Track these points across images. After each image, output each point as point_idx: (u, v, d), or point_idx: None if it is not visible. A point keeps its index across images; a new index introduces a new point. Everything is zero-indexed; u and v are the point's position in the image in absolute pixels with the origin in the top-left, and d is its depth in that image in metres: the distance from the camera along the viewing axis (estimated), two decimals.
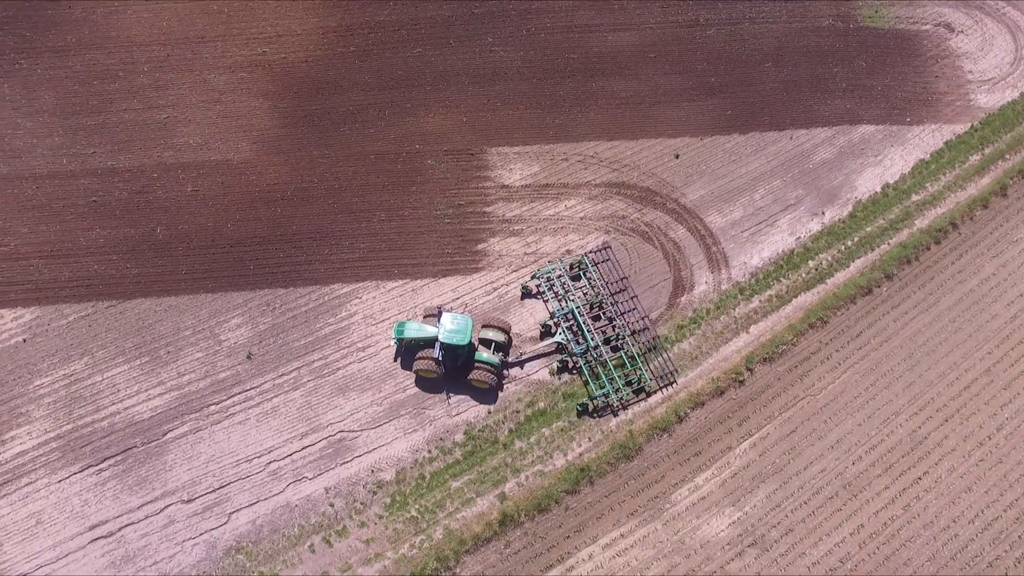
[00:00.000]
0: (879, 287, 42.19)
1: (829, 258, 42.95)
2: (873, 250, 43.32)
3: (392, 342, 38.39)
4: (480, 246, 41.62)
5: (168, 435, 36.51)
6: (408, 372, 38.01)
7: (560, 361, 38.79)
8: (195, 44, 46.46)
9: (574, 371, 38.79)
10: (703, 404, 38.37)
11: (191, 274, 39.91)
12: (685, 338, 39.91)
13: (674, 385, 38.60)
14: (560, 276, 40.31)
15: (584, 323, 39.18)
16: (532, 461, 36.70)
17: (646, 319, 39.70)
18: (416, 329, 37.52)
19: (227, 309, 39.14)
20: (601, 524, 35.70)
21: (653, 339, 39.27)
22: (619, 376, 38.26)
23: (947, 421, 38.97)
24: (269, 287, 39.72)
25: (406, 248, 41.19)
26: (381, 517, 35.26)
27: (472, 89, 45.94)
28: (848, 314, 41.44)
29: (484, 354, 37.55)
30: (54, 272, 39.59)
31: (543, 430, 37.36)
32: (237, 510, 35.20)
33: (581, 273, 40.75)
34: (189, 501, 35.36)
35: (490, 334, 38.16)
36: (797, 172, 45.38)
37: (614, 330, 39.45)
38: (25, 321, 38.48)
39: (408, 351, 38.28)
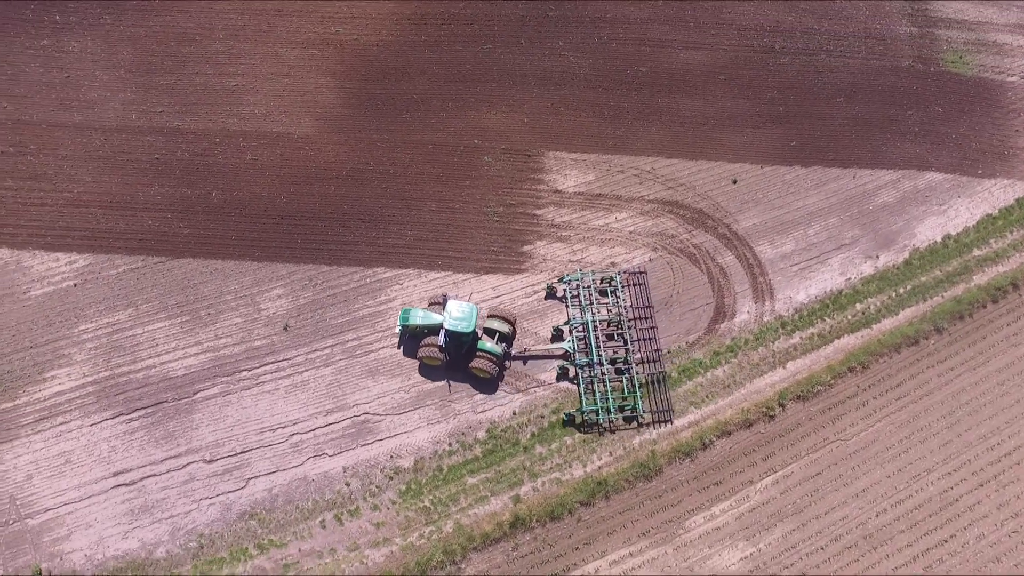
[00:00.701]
0: (927, 339, 41.54)
1: (878, 303, 42.46)
2: (925, 301, 42.68)
3: (396, 329, 39.18)
4: (526, 248, 42.15)
5: (199, 394, 37.84)
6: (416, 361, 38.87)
7: (561, 367, 39.12)
8: (271, 16, 47.98)
9: (573, 381, 39.08)
10: (730, 434, 38.27)
11: (240, 240, 41.26)
12: (720, 365, 39.85)
13: (670, 424, 38.21)
14: (588, 286, 40.59)
15: (595, 338, 39.37)
16: (550, 468, 37.04)
17: (659, 352, 39.54)
18: (421, 316, 38.27)
19: (270, 279, 40.38)
20: (611, 540, 35.88)
21: (660, 374, 39.05)
22: (614, 399, 38.22)
23: (982, 486, 38.20)
24: (314, 263, 40.85)
25: (452, 241, 41.95)
26: (394, 503, 36.01)
27: (537, 91, 46.52)
28: (891, 362, 40.90)
29: (488, 343, 38.15)
30: (111, 223, 41.33)
31: (565, 439, 37.68)
32: (255, 476, 36.32)
33: (610, 290, 40.97)
34: (210, 461, 36.60)
35: (495, 324, 38.80)
36: (856, 212, 44.93)
37: (625, 353, 39.40)
38: (78, 267, 40.26)
39: (412, 338, 39.04)
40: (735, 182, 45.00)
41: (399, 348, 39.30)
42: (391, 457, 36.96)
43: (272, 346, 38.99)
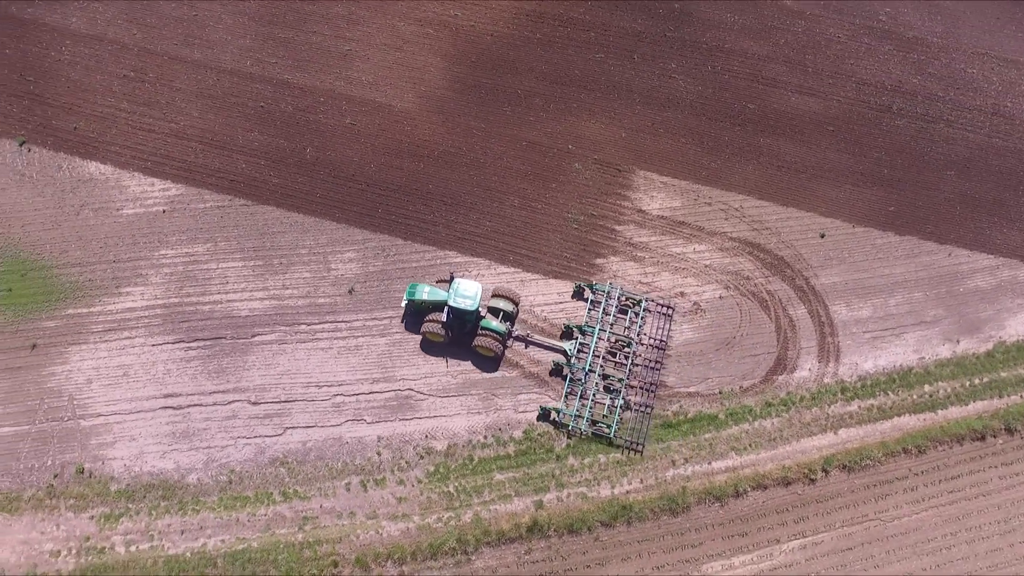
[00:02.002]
0: (995, 437, 40.74)
1: (948, 389, 41.86)
2: (1001, 397, 41.82)
3: (402, 303, 40.75)
4: (599, 260, 43.18)
5: (256, 338, 40.22)
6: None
7: (557, 363, 40.24)
8: None
9: (564, 378, 40.09)
10: (766, 488, 38.41)
11: (324, 199, 43.55)
12: (769, 416, 40.00)
13: (640, 452, 38.84)
14: (613, 300, 41.54)
15: (595, 350, 40.47)
16: (579, 481, 37.96)
17: (655, 386, 40.09)
18: (427, 292, 39.92)
19: (345, 241, 42.51)
20: (625, 566, 36.52)
21: (647, 406, 39.65)
22: (590, 414, 39.24)
23: None
24: (389, 234, 42.80)
25: (528, 239, 43.30)
26: (420, 482, 37.56)
27: (640, 108, 47.51)
28: (950, 452, 40.30)
29: (493, 322, 39.62)
30: (207, 159, 44.17)
31: (600, 456, 38.55)
32: (293, 427, 38.42)
33: (632, 312, 41.69)
34: (255, 404, 38.85)
35: (500, 303, 40.27)
36: (944, 291, 44.35)
37: (622, 375, 40.25)
38: (170, 195, 43.22)
39: (417, 314, 40.63)
40: (823, 236, 45.02)
41: (402, 322, 41.05)
42: (426, 437, 38.56)
43: (334, 306, 41.15)
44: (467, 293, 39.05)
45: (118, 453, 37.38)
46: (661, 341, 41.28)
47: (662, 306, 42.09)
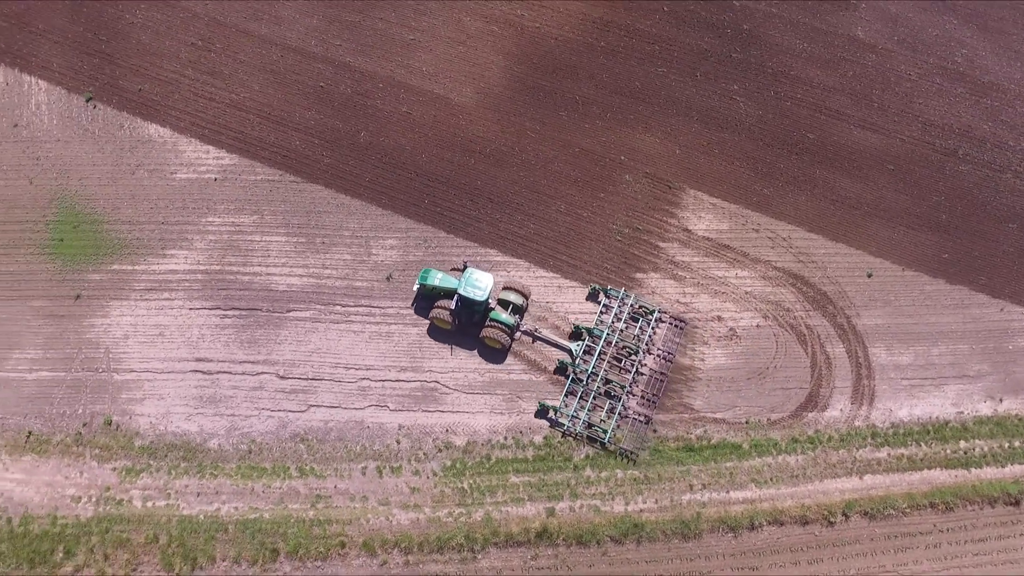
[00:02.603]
0: None
1: (986, 448, 41.21)
2: None
3: (414, 287, 41.59)
4: (638, 275, 43.44)
5: (291, 313, 41.28)
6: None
7: (562, 363, 40.80)
8: None
9: (567, 377, 40.60)
10: (782, 524, 38.24)
11: (372, 184, 44.52)
12: (794, 452, 39.84)
13: (634, 462, 39.15)
14: (626, 306, 41.94)
15: (600, 354, 40.97)
16: (593, 494, 38.25)
17: (657, 398, 40.45)
18: (439, 279, 40.77)
19: (388, 228, 43.43)
20: None
21: (646, 417, 40.03)
22: (588, 414, 39.69)
23: None
24: (433, 226, 43.60)
25: (570, 246, 43.73)
26: (435, 475, 38.21)
27: (697, 127, 47.65)
28: (980, 514, 39.65)
29: (502, 314, 40.32)
30: (263, 133, 45.47)
31: (617, 471, 38.77)
32: (318, 405, 39.39)
33: (644, 321, 41.99)
34: (283, 378, 39.90)
35: (510, 296, 40.96)
36: (991, 347, 43.64)
37: (625, 383, 40.62)
38: (224, 164, 44.62)
39: (427, 299, 41.48)
40: (870, 276, 44.65)
41: (412, 306, 41.86)
42: (446, 431, 39.21)
43: (371, 291, 42.04)
44: (479, 284, 39.92)
45: (146, 410, 38.77)
46: (669, 354, 41.59)
47: (675, 320, 42.40)
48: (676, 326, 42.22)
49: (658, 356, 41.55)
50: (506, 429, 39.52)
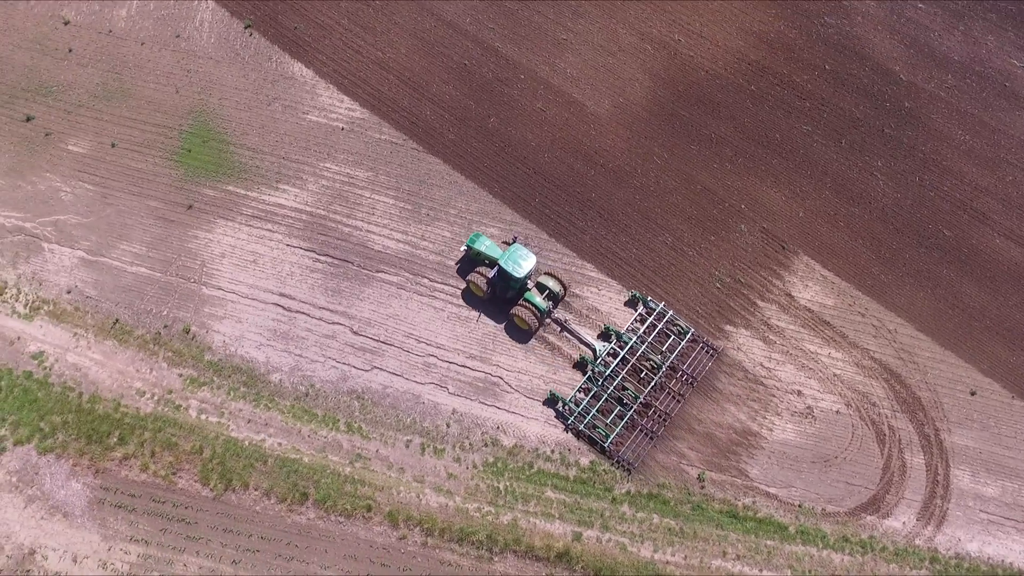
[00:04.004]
0: None
1: None
2: None
3: (462, 248, 43.24)
4: (727, 327, 43.50)
5: (379, 274, 43.34)
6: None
7: (583, 358, 41.66)
8: None
9: (585, 374, 41.45)
10: None
11: (489, 170, 46.15)
12: (842, 552, 39.05)
13: (628, 476, 39.64)
14: (662, 320, 42.45)
15: (623, 360, 41.62)
16: (624, 531, 38.65)
17: (669, 417, 40.88)
18: (486, 246, 42.63)
19: (493, 216, 44.88)
20: None
21: (652, 432, 40.35)
22: (595, 415, 40.42)
23: None
24: (537, 225, 44.88)
25: (667, 280, 44.17)
26: (475, 467, 39.44)
27: (828, 194, 47.24)
28: None
29: (536, 297, 41.57)
30: (398, 95, 47.82)
31: (655, 516, 39.04)
32: (381, 369, 41.25)
33: (677, 339, 42.41)
34: (355, 333, 41.96)
35: (549, 282, 42.51)
36: None
37: (638, 390, 41.17)
38: (354, 116, 47.13)
39: (471, 263, 43.20)
40: (973, 394, 43.21)
41: (456, 264, 43.58)
42: (497, 428, 40.38)
43: (461, 272, 43.83)
44: (521, 261, 41.33)
45: (223, 328, 41.55)
46: (692, 378, 41.86)
47: (708, 347, 42.60)
48: (708, 352, 42.57)
49: (682, 377, 42.01)
50: (555, 443, 40.39)
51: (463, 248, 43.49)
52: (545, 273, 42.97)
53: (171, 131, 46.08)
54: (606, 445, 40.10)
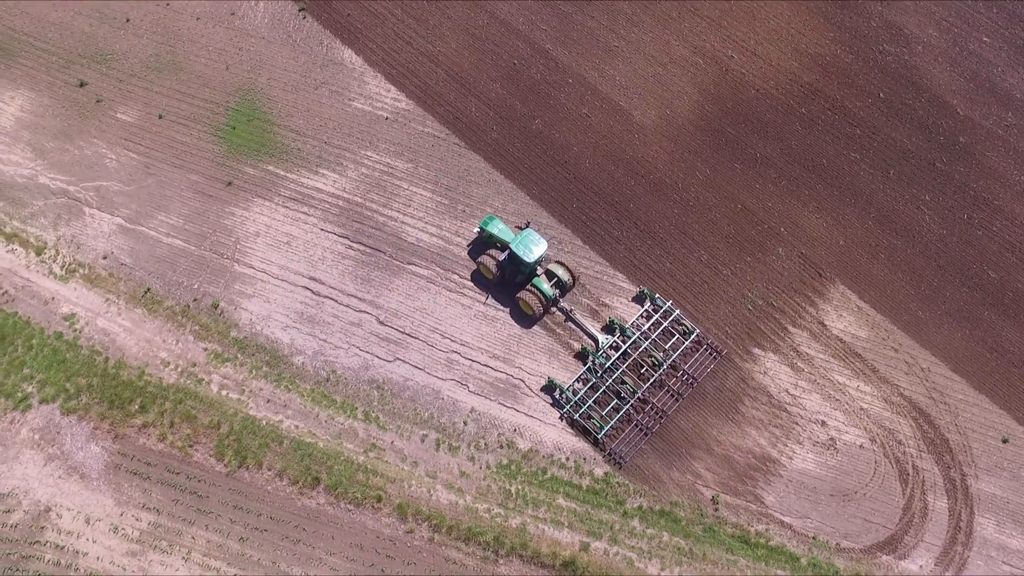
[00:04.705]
0: None
1: None
2: None
3: (475, 230, 44.01)
4: (755, 350, 43.28)
5: (410, 266, 43.83)
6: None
7: (584, 348, 42.07)
8: (685, 10, 52.02)
9: (585, 364, 41.79)
10: None
11: (529, 172, 46.42)
12: None
13: (620, 466, 40.02)
14: (665, 316, 42.74)
15: (625, 354, 41.96)
16: (632, 546, 38.64)
17: (665, 414, 40.98)
18: (499, 229, 43.37)
19: (530, 217, 44.96)
20: None
21: (647, 428, 40.64)
22: (591, 405, 40.72)
23: None
24: (572, 231, 45.05)
25: (698, 297, 44.06)
26: (488, 468, 39.70)
27: (871, 225, 46.76)
28: None
29: (544, 284, 42.01)
30: (445, 89, 48.27)
31: (664, 534, 38.96)
32: (404, 361, 41.71)
33: (682, 338, 42.61)
34: (381, 323, 42.48)
35: (559, 271, 43.08)
36: None
37: (636, 387, 41.39)
38: (399, 106, 47.72)
39: (484, 245, 43.94)
40: (1005, 441, 42.46)
41: (468, 246, 44.18)
42: (514, 430, 40.61)
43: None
44: (531, 246, 42.01)
45: (251, 307, 42.31)
46: (692, 378, 42.01)
47: (712, 349, 42.74)
48: (712, 354, 42.69)
49: (683, 376, 42.16)
50: (571, 451, 40.51)
51: (476, 230, 44.23)
52: (556, 262, 43.56)
53: (218, 107, 47.07)
54: (599, 436, 40.55)
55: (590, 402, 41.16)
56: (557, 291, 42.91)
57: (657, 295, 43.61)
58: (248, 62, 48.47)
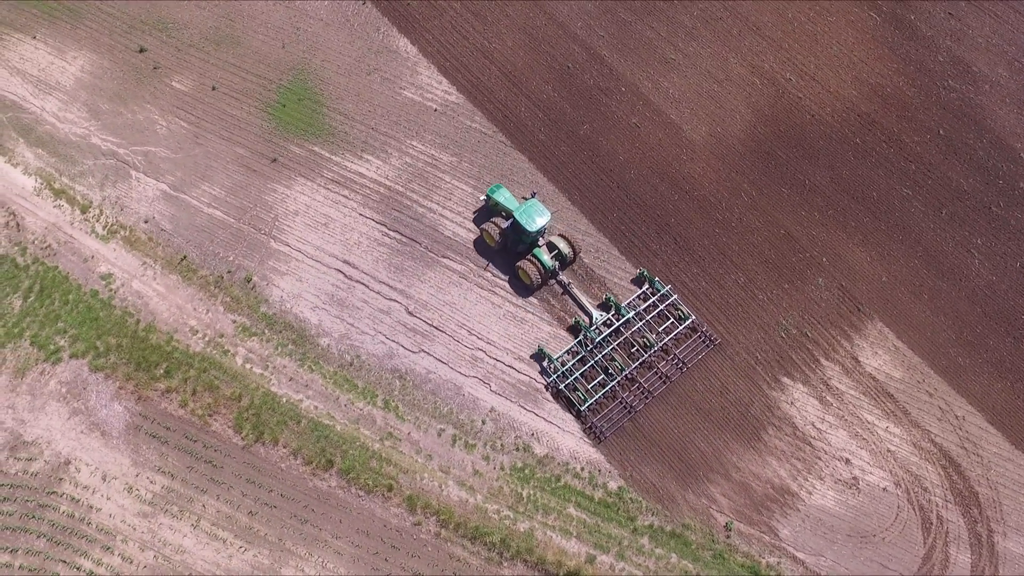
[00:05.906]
0: None
1: None
2: None
3: (481, 198, 44.82)
4: (784, 379, 42.93)
5: (444, 259, 44.29)
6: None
7: (578, 322, 42.60)
8: (747, 28, 51.89)
9: (579, 335, 42.60)
10: None
11: (573, 177, 46.63)
12: None
13: (600, 441, 40.75)
14: (662, 300, 43.26)
15: (617, 331, 42.77)
16: (639, 565, 38.54)
17: (650, 394, 41.45)
18: (504, 198, 44.43)
19: (569, 222, 45.18)
20: None
21: (631, 408, 41.00)
22: (577, 378, 41.41)
23: None
24: (610, 240, 45.13)
25: (729, 318, 43.91)
26: (502, 469, 39.94)
27: (917, 264, 46.15)
28: None
29: (544, 255, 42.71)
30: (496, 86, 48.78)
31: (673, 555, 38.81)
32: (428, 353, 42.16)
33: (676, 323, 43.08)
34: (410, 314, 42.99)
35: (560, 243, 43.75)
36: None
37: (625, 365, 41.93)
38: (449, 100, 48.29)
39: (489, 213, 45.14)
40: None
41: (474, 213, 45.03)
42: (532, 435, 40.79)
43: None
44: (535, 215, 42.60)
45: (283, 284, 43.09)
46: (683, 363, 42.33)
47: (706, 337, 43.07)
48: (705, 342, 43.01)
49: (673, 360, 42.51)
50: (587, 461, 40.56)
51: (483, 198, 44.94)
52: (559, 234, 44.04)
53: (270, 84, 48.09)
54: (582, 409, 41.01)
55: (577, 374, 41.76)
56: (556, 263, 43.52)
57: (657, 278, 44.15)
58: (304, 42, 49.48)
